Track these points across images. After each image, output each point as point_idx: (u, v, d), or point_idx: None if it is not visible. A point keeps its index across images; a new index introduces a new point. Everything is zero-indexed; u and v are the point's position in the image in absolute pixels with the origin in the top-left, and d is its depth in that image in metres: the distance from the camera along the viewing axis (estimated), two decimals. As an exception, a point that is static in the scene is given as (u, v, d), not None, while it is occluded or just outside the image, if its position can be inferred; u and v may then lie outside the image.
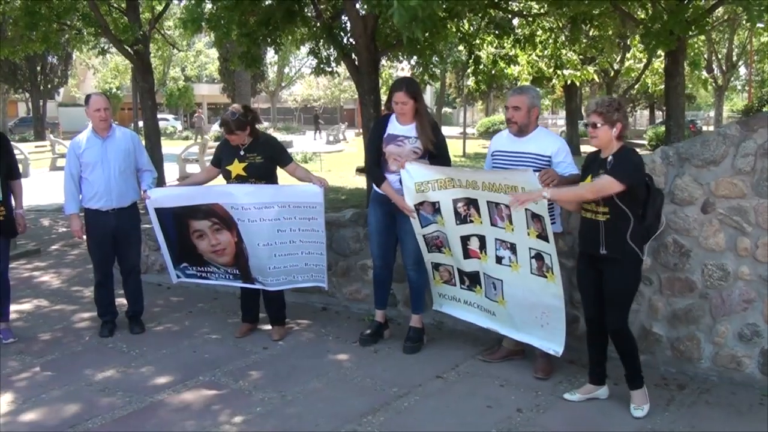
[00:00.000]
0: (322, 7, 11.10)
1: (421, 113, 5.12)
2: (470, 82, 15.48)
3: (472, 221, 4.91)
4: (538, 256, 4.58)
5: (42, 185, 17.46)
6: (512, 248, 4.72)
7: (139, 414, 4.38)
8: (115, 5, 14.08)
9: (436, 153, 5.18)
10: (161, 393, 4.67)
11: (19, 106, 52.27)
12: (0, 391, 4.73)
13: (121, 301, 6.09)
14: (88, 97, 5.70)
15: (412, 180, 5.03)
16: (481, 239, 4.90)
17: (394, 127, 5.20)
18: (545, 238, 4.48)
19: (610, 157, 4.08)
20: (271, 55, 46.54)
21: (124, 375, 5.00)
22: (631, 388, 4.30)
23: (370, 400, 4.50)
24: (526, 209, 4.48)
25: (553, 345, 4.68)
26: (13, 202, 5.72)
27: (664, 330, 4.86)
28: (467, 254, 5.02)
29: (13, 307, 6.10)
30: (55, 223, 12.02)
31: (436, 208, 5.04)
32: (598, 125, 4.10)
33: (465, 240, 4.99)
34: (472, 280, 5.11)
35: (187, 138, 39.52)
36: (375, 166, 5.27)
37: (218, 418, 4.29)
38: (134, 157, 5.77)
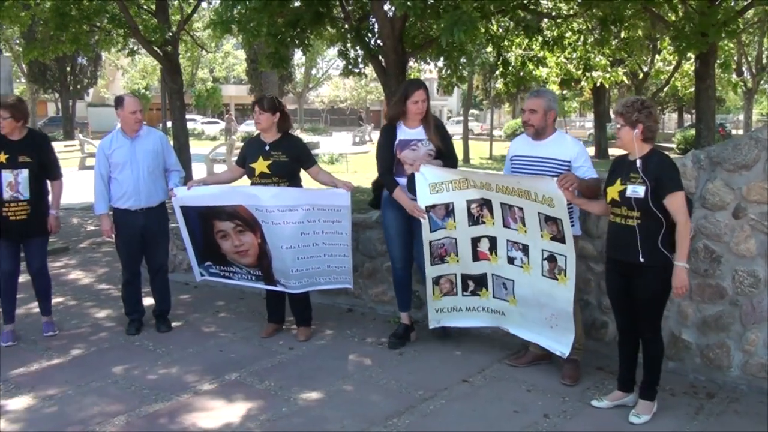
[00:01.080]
0: (350, 8, 11.13)
1: (428, 115, 5.20)
2: (498, 84, 15.42)
3: (484, 222, 4.92)
4: (551, 258, 4.58)
5: (71, 184, 17.65)
6: (524, 249, 4.74)
7: (165, 412, 4.40)
8: (144, 7, 14.21)
9: (446, 153, 5.23)
10: (187, 391, 4.70)
11: (48, 106, 52.99)
12: (26, 386, 4.80)
13: (149, 299, 6.14)
14: (120, 99, 5.72)
15: (427, 182, 5.03)
16: (492, 240, 4.92)
17: (403, 132, 5.23)
18: (561, 240, 4.48)
19: (639, 161, 4.01)
20: (298, 57, 46.85)
21: (150, 373, 5.04)
22: (642, 397, 4.24)
23: (396, 402, 4.49)
24: (539, 213, 4.50)
25: (560, 346, 4.70)
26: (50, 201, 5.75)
27: (694, 337, 4.78)
28: (476, 256, 5.04)
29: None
30: (83, 221, 12.16)
31: (448, 210, 5.03)
32: (619, 126, 4.09)
33: (475, 241, 5.01)
34: (478, 283, 5.10)
35: (214, 138, 39.82)
36: (388, 172, 5.28)
37: (244, 418, 4.30)
38: (163, 158, 5.82)
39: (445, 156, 5.22)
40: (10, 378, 4.97)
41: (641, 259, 3.99)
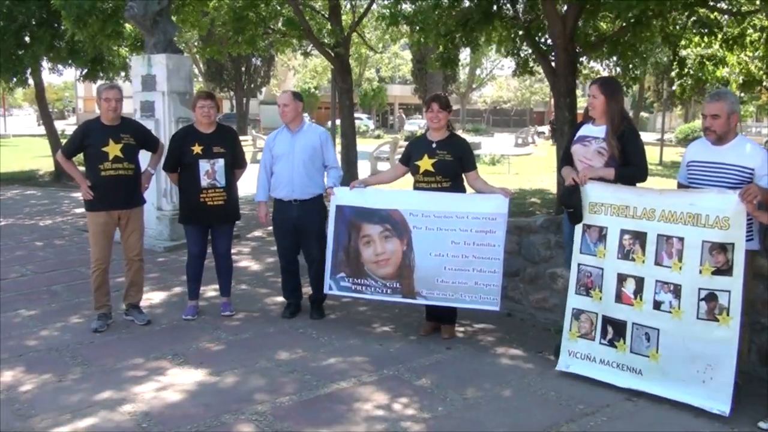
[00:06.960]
0: (520, 7, 10.95)
1: (612, 116, 4.87)
2: (675, 86, 14.61)
3: (633, 259, 4.62)
4: (711, 297, 4.24)
5: (244, 176, 18.62)
6: (675, 291, 4.40)
7: (325, 398, 4.54)
8: (318, 10, 14.71)
9: (624, 160, 4.83)
10: (347, 381, 4.82)
11: (224, 103, 56.32)
12: (196, 361, 5.14)
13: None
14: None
15: (588, 199, 4.85)
16: (639, 282, 4.59)
17: (587, 128, 5.06)
18: (727, 272, 4.16)
19: None
20: (463, 57, 46.82)
21: (312, 360, 5.21)
22: None
23: (554, 414, 4.35)
24: (704, 241, 4.23)
25: (718, 404, 4.21)
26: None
27: None
28: (619, 297, 4.70)
29: (212, 287, 6.63)
30: (253, 211, 12.73)
31: (602, 234, 4.79)
32: None
33: (621, 279, 4.68)
34: (616, 330, 4.71)
35: (378, 137, 40.66)
36: (563, 162, 5.27)
37: (400, 413, 4.34)
38: (321, 154, 6.02)
39: (625, 164, 4.83)
40: (183, 352, 5.35)
41: None
